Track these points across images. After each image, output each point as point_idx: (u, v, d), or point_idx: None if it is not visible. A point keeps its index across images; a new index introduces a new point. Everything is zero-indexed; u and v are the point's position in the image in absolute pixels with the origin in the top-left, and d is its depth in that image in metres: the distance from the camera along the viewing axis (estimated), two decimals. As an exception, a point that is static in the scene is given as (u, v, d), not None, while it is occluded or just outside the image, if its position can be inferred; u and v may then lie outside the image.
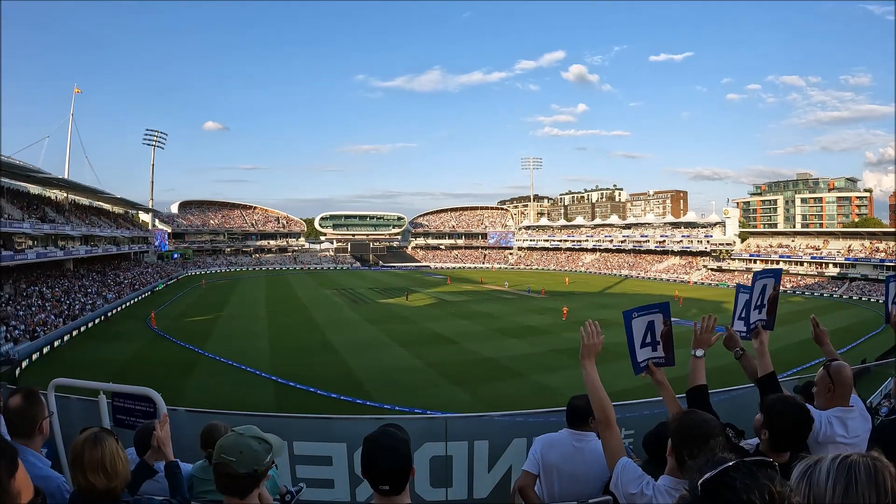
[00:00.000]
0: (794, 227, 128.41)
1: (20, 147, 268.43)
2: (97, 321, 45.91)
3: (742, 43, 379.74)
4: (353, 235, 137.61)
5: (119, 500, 2.84)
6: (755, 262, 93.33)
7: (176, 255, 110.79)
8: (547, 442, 4.43)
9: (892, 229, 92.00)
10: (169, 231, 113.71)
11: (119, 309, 53.39)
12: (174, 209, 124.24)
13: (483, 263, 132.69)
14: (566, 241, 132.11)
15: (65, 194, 70.25)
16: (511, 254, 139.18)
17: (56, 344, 36.62)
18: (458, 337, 40.16)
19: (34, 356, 32.83)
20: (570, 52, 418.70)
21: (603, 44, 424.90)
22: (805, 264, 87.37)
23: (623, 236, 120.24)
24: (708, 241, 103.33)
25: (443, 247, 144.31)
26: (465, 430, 6.93)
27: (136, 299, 61.04)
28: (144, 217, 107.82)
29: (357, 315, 51.35)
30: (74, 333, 40.33)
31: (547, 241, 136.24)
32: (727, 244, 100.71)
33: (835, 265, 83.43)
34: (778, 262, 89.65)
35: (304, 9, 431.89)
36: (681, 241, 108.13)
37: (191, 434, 5.04)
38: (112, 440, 2.82)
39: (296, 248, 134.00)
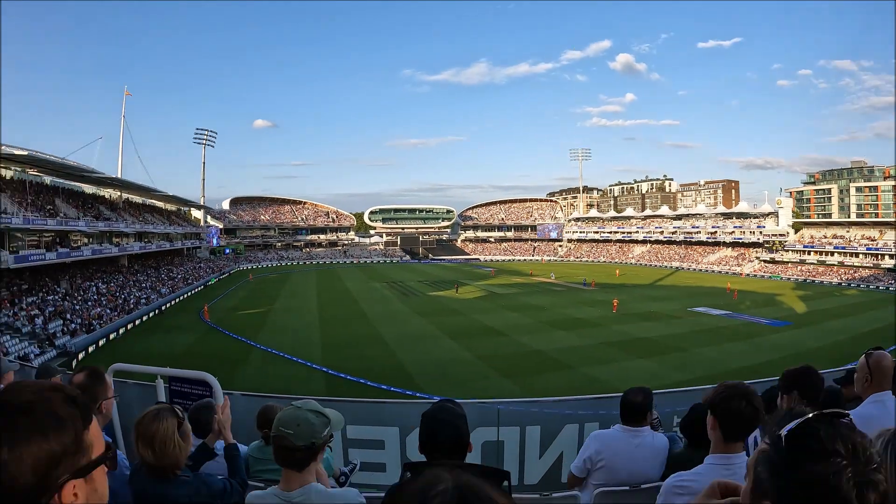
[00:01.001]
0: (849, 216, 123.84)
1: (75, 148, 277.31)
2: (151, 315, 47.38)
3: (792, 27, 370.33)
4: (403, 229, 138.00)
5: (178, 476, 2.87)
6: (809, 253, 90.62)
7: (228, 251, 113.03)
8: (601, 442, 4.26)
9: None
10: (221, 227, 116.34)
11: (173, 303, 54.96)
12: (225, 205, 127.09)
13: (532, 256, 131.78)
14: (616, 232, 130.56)
15: (118, 193, 72.39)
16: (561, 246, 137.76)
17: (111, 337, 37.99)
18: (507, 329, 39.98)
19: (90, 348, 34.20)
20: (617, 41, 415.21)
21: (650, 32, 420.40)
22: (860, 256, 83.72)
23: (674, 227, 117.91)
24: (761, 232, 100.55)
25: (492, 239, 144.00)
26: (516, 416, 6.88)
27: (189, 293, 62.77)
28: (196, 213, 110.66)
29: (407, 308, 51.59)
30: (129, 326, 41.71)
31: (597, 232, 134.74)
32: (780, 235, 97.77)
33: (891, 257, 79.34)
34: (832, 254, 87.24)
35: (351, 6, 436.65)
36: (732, 232, 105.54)
37: (245, 417, 5.10)
38: (172, 421, 2.82)
39: (346, 242, 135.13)
